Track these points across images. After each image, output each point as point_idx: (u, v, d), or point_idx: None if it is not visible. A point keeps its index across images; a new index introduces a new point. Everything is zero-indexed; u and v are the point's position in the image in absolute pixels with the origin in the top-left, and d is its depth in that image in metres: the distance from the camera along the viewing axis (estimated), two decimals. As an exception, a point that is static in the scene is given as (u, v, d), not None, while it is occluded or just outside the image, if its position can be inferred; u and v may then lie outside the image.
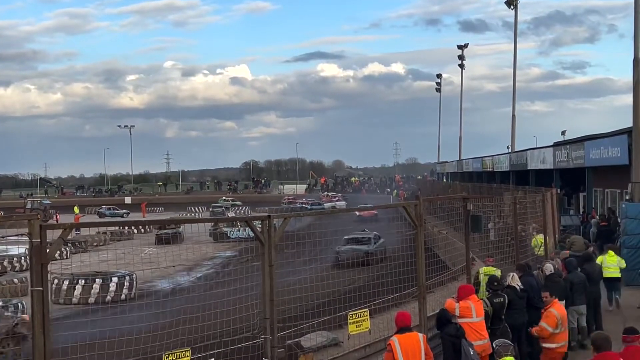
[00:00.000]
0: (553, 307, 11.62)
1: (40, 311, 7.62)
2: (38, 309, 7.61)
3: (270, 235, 9.55)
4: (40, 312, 7.62)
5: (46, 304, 7.70)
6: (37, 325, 7.57)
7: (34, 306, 7.64)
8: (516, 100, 58.40)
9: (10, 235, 8.49)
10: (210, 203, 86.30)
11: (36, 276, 7.66)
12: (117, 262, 28.58)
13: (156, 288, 26.78)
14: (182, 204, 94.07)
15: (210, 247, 33.76)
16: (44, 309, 7.63)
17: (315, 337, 13.15)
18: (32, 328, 7.61)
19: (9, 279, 28.54)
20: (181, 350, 8.52)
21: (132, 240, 48.36)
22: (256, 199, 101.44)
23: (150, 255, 30.46)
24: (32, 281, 7.69)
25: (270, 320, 9.41)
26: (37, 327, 7.57)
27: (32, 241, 7.64)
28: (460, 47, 76.55)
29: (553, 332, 11.44)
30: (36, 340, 7.55)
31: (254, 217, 10.54)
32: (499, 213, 23.74)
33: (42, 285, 7.64)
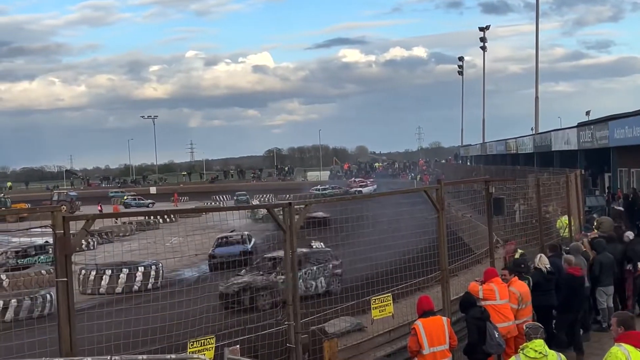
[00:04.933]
0: (512, 285, 11.67)
1: (65, 301, 7.71)
2: (63, 299, 7.71)
3: (291, 223, 9.57)
4: (65, 302, 7.71)
5: (71, 294, 7.79)
6: (63, 315, 7.67)
7: (59, 296, 7.73)
8: (539, 82, 57.93)
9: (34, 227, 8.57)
10: (234, 192, 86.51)
11: (60, 267, 7.75)
12: (143, 252, 28.82)
13: (182, 277, 26.99)
14: (207, 193, 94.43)
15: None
16: (68, 299, 7.73)
17: (339, 323, 13.19)
18: (58, 318, 7.71)
19: (36, 270, 28.85)
20: (206, 338, 8.60)
21: (158, 230, 48.63)
22: (280, 186, 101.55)
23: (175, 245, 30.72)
24: (57, 272, 7.79)
25: (294, 307, 9.45)
26: (63, 317, 7.67)
27: (55, 232, 7.72)
28: (482, 29, 75.95)
29: (518, 309, 11.50)
30: (62, 330, 7.65)
31: (275, 204, 10.57)
32: (523, 195, 23.59)
33: (66, 276, 7.73)
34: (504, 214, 16.34)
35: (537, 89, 57.55)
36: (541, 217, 17.96)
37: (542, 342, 8.11)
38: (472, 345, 10.61)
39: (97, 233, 41.60)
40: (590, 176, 37.03)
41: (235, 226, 30.80)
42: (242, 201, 77.05)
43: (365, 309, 12.54)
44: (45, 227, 8.16)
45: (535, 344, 8.02)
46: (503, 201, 15.09)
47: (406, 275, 13.38)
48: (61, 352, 7.55)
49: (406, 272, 13.40)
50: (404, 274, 13.37)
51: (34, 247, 30.21)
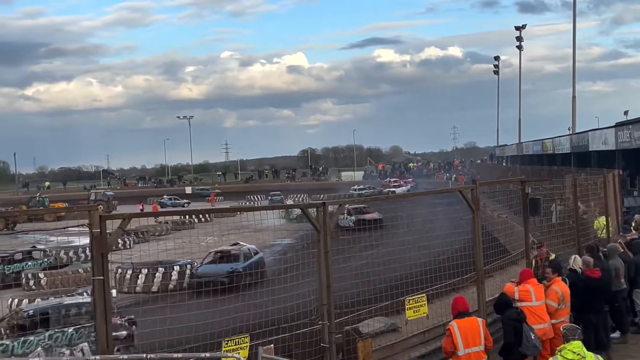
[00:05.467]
0: (555, 284, 11.53)
1: (101, 300, 7.79)
2: (99, 297, 7.78)
3: (325, 222, 9.56)
4: (102, 301, 7.79)
5: (107, 292, 7.86)
6: (99, 313, 7.74)
7: (96, 295, 7.81)
8: (577, 81, 57.16)
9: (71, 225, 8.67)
10: (269, 191, 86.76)
11: (97, 265, 7.83)
12: (179, 251, 29.02)
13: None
14: (241, 193, 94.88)
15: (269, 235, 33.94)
16: (105, 297, 7.80)
17: (373, 323, 13.16)
18: (94, 316, 7.78)
19: (74, 269, 29.21)
20: (240, 337, 8.62)
21: (193, 229, 48.93)
22: (314, 186, 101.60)
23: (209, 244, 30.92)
24: (94, 270, 7.87)
25: (328, 306, 9.43)
26: (99, 315, 7.74)
27: (92, 231, 7.80)
28: (518, 29, 75.38)
29: (558, 308, 11.36)
30: (98, 328, 7.73)
31: (309, 204, 10.57)
32: (560, 196, 23.33)
33: (102, 274, 7.81)
34: (540, 214, 16.16)
35: (574, 89, 56.91)
36: (578, 218, 17.75)
37: (580, 343, 8.01)
38: (508, 346, 10.52)
39: (133, 232, 41.99)
40: (628, 177, 36.49)
41: (268, 226, 29.64)
42: (277, 201, 77.23)
43: (399, 309, 12.49)
44: (82, 226, 8.24)
45: (574, 346, 7.92)
46: (539, 202, 14.92)
47: (441, 275, 13.31)
48: (98, 349, 7.63)
49: (441, 272, 13.33)
50: (439, 275, 13.30)
51: (21, 253, 29.70)
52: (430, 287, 12.91)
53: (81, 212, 8.79)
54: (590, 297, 12.48)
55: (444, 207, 20.94)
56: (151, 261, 26.37)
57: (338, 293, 10.68)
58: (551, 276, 11.73)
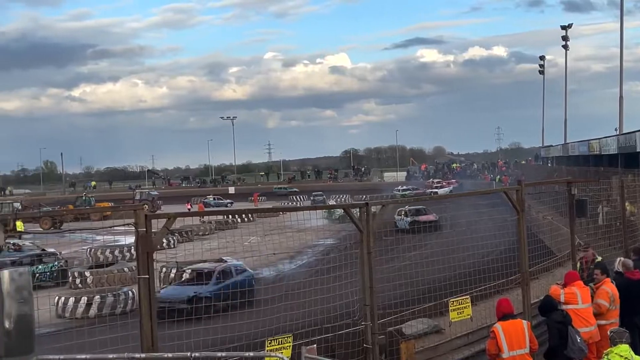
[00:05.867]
0: (605, 285, 11.39)
1: (146, 298, 7.88)
2: (144, 295, 7.87)
3: (368, 223, 9.56)
4: (147, 299, 7.88)
5: (152, 291, 7.95)
6: (144, 311, 7.83)
7: (141, 293, 7.90)
8: (624, 81, 56.20)
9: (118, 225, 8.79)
10: (311, 192, 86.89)
11: (142, 264, 7.92)
12: (222, 251, 29.19)
13: (260, 276, 27.23)
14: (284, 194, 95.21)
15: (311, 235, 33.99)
16: (150, 295, 7.89)
17: (416, 324, 13.09)
18: (140, 314, 7.88)
19: (119, 267, 29.57)
20: (283, 336, 8.65)
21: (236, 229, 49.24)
22: (356, 186, 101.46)
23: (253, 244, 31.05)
24: (139, 269, 7.96)
25: (371, 307, 9.43)
26: (144, 313, 7.83)
27: (138, 230, 7.90)
28: (564, 28, 74.29)
29: (609, 308, 11.21)
30: (143, 326, 7.81)
31: (352, 204, 10.57)
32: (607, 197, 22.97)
33: (148, 273, 7.90)
34: (586, 216, 15.94)
35: (621, 88, 55.90)
36: (625, 219, 17.47)
37: (628, 347, 7.88)
38: (553, 349, 10.39)
39: (177, 232, 42.38)
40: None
41: (310, 227, 28.67)
42: (319, 201, 77.32)
43: (442, 310, 12.42)
44: (128, 225, 8.35)
45: (621, 349, 7.80)
46: (586, 203, 14.72)
47: (485, 277, 13.19)
48: (142, 348, 7.71)
49: (485, 274, 13.21)
50: (483, 277, 13.19)
51: (29, 257, 29.34)
52: (474, 288, 12.81)
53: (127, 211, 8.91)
54: (633, 299, 12.27)
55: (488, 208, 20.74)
56: (195, 260, 26.55)
57: (381, 294, 10.66)
58: (600, 277, 11.56)
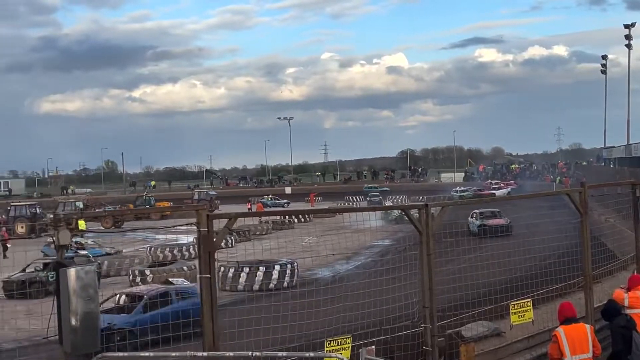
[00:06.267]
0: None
1: (208, 297, 7.97)
2: (206, 294, 7.97)
3: (428, 224, 9.51)
4: (208, 298, 7.97)
5: (214, 290, 8.04)
6: (206, 310, 7.93)
7: (203, 292, 8.00)
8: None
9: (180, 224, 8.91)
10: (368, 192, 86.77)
11: (204, 264, 8.02)
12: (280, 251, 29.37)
13: (317, 276, 27.32)
14: (340, 194, 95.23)
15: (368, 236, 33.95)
16: (212, 294, 7.98)
17: (476, 327, 12.94)
18: (201, 313, 7.97)
19: (179, 266, 29.97)
20: (342, 337, 8.67)
21: (293, 229, 49.49)
22: (413, 187, 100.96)
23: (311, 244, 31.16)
24: (201, 268, 8.06)
25: (430, 309, 9.38)
26: (206, 312, 7.92)
27: (200, 230, 7.99)
28: (627, 27, 72.86)
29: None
30: (205, 325, 7.91)
31: (411, 205, 10.53)
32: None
33: (209, 273, 7.99)
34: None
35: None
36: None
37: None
38: (617, 354, 10.19)
39: (235, 231, 42.77)
40: None
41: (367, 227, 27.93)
42: (375, 202, 77.15)
43: (503, 314, 12.27)
44: (189, 224, 8.46)
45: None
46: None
47: (546, 280, 13.00)
48: (204, 346, 7.81)
49: (546, 277, 13.02)
50: (544, 280, 13.00)
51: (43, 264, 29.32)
52: (534, 292, 12.63)
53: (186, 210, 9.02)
54: None
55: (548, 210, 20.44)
56: (253, 260, 26.78)
57: (440, 296, 10.59)
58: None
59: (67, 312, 6.77)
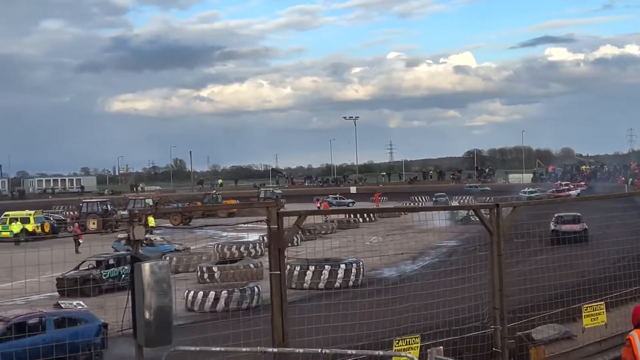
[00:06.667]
0: None
1: (278, 293, 8.04)
2: (276, 291, 8.04)
3: (498, 225, 9.39)
4: (278, 295, 8.04)
5: (283, 287, 8.11)
6: (276, 306, 8.00)
7: (273, 289, 8.07)
8: None
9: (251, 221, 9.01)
10: (433, 193, 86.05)
11: (274, 260, 8.09)
12: (345, 250, 29.40)
13: (382, 276, 27.25)
14: (405, 194, 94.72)
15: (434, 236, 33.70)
16: (281, 291, 8.05)
17: (546, 330, 12.74)
18: (271, 309, 8.05)
19: (245, 264, 30.24)
20: (411, 337, 8.63)
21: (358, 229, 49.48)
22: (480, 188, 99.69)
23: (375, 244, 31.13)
24: (271, 265, 8.13)
25: (500, 311, 9.27)
26: (276, 308, 7.99)
27: (270, 227, 8.06)
28: None
29: None
30: (275, 321, 7.98)
31: (482, 205, 10.42)
32: None
33: (279, 269, 8.06)
34: None
35: None
36: None
37: None
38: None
39: (301, 229, 42.92)
40: None
41: (433, 228, 27.17)
42: (441, 202, 76.48)
43: (574, 316, 12.04)
44: (258, 222, 8.55)
45: None
46: None
47: (619, 283, 12.71)
48: (274, 342, 7.88)
49: (619, 280, 12.72)
50: (617, 282, 12.70)
51: (114, 257, 29.38)
52: (607, 294, 12.36)
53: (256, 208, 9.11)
54: None
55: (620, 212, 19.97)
56: (318, 258, 26.86)
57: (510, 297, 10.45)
58: None
59: (141, 306, 6.90)
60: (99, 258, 27.48)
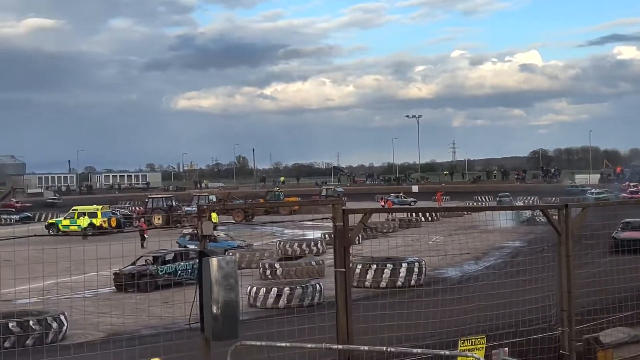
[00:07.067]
0: None
1: (343, 291, 8.05)
2: (341, 288, 8.04)
3: (567, 225, 9.23)
4: (343, 292, 8.05)
5: (348, 284, 8.11)
6: (341, 303, 8.01)
7: (337, 286, 8.08)
8: None
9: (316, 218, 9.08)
10: (497, 193, 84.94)
11: (339, 258, 8.09)
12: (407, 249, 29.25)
13: (445, 275, 27.05)
14: (468, 193, 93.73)
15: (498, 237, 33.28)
16: (346, 289, 8.05)
17: (615, 333, 12.46)
18: (336, 307, 8.06)
19: (307, 261, 30.35)
20: (477, 337, 8.54)
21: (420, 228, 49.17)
22: (545, 188, 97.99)
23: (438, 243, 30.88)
24: (336, 262, 8.14)
25: (568, 313, 9.11)
26: (341, 305, 8.00)
27: (335, 224, 8.07)
28: None
29: None
30: (339, 319, 7.99)
31: (550, 205, 10.25)
32: None
33: (344, 267, 8.06)
34: None
35: None
36: None
37: None
38: None
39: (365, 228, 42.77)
40: None
41: (496, 228, 26.22)
42: (505, 203, 75.46)
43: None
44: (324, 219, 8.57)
45: None
46: None
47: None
48: (338, 339, 7.89)
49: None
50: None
51: (173, 253, 29.62)
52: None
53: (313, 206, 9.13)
54: None
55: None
56: (380, 257, 26.77)
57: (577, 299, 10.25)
58: None
59: (208, 301, 6.99)
60: (156, 254, 27.87)
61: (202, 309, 7.11)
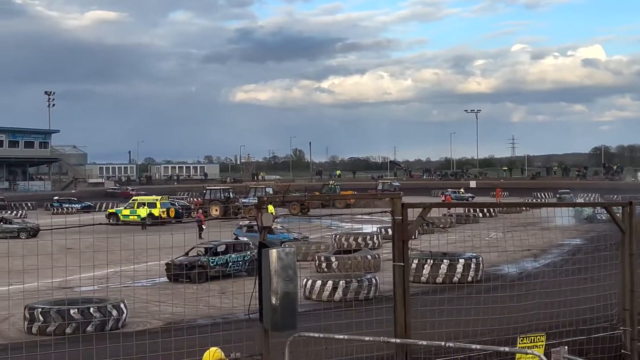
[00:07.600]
0: None
1: (401, 285, 8.05)
2: (399, 283, 8.04)
3: (631, 223, 9.05)
4: (401, 286, 8.04)
5: (407, 278, 8.10)
6: (399, 297, 8.01)
7: (396, 280, 8.08)
8: None
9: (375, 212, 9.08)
10: (557, 189, 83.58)
11: (398, 252, 8.09)
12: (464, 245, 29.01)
13: (502, 272, 26.75)
14: (527, 189, 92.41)
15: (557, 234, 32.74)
16: (404, 283, 8.05)
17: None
18: (394, 301, 8.06)
19: (363, 255, 30.35)
20: (536, 335, 8.45)
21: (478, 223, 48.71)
22: (606, 186, 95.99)
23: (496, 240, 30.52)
24: (394, 256, 8.14)
25: (630, 312, 8.94)
26: (399, 299, 8.00)
27: (394, 218, 8.07)
28: None
29: None
30: (397, 313, 7.99)
31: (614, 202, 10.07)
32: None
33: (403, 261, 8.06)
34: None
35: None
36: None
37: None
38: None
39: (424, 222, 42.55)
40: None
41: (556, 225, 25.81)
42: (566, 200, 74.20)
43: None
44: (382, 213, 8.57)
45: None
46: None
47: None
48: (396, 333, 7.89)
49: None
50: None
51: (224, 245, 29.93)
52: None
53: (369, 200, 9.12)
54: None
55: None
56: (437, 252, 26.63)
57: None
58: None
59: (267, 291, 7.07)
60: (208, 245, 28.15)
61: (261, 300, 7.19)
